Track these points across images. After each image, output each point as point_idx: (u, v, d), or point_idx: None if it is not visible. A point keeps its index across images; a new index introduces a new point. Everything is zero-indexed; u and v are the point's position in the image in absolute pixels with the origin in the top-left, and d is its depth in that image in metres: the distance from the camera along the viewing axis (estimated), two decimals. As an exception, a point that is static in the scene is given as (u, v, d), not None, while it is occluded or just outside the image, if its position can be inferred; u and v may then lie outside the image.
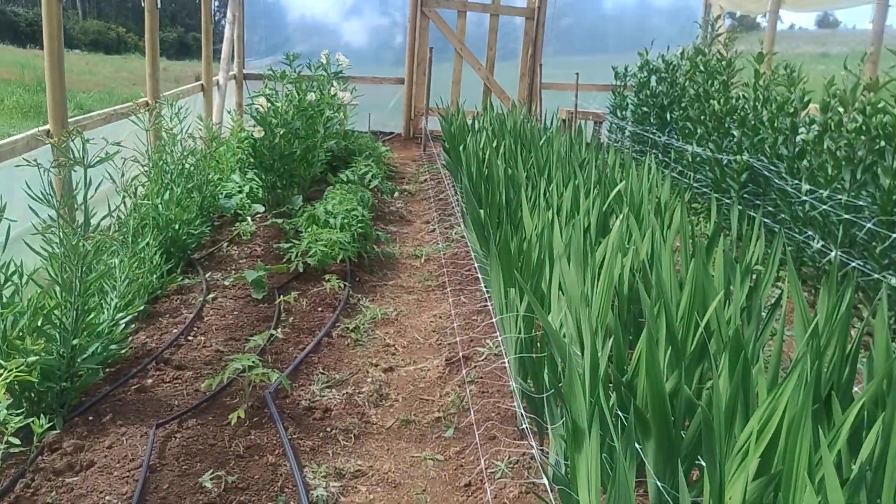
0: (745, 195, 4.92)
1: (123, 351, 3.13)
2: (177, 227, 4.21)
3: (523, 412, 2.72)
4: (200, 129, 5.67)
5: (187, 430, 2.66)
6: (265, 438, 2.63)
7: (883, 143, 3.70)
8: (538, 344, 2.60)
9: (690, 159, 5.66)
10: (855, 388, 2.17)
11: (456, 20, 9.74)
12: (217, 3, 10.55)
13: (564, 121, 8.37)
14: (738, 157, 4.82)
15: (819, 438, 1.53)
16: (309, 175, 5.92)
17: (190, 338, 3.44)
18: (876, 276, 3.36)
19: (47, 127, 3.80)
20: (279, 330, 3.50)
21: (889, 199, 3.49)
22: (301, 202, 5.51)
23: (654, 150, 6.42)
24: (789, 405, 1.67)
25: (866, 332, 2.77)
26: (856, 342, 2.07)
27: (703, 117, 5.54)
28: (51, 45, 3.70)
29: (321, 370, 3.23)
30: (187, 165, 4.76)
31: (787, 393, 1.70)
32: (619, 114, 7.61)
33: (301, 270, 4.24)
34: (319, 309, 3.87)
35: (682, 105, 6.14)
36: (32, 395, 2.60)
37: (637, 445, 2.14)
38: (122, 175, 3.86)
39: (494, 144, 5.26)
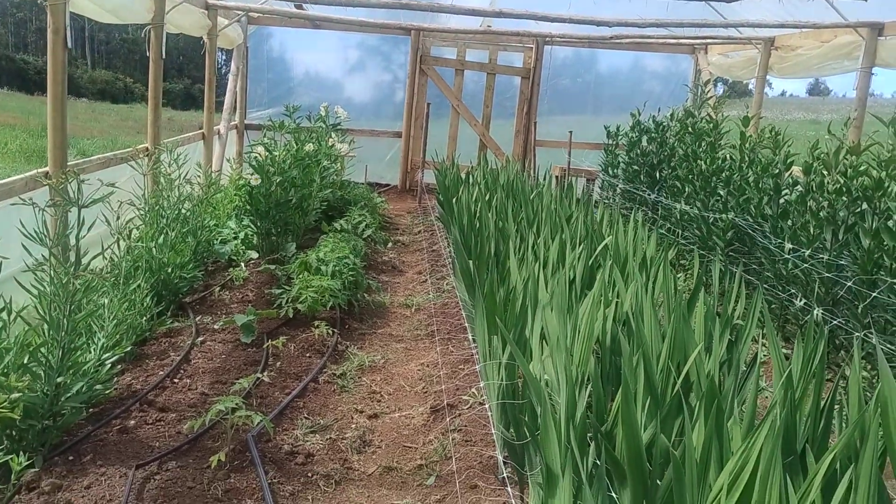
0: (731, 252, 4.99)
1: (108, 391, 3.14)
2: (169, 270, 4.26)
3: (504, 460, 2.72)
4: (199, 176, 5.77)
5: (167, 472, 2.65)
6: (245, 482, 2.62)
7: (864, 205, 3.79)
8: (520, 391, 2.62)
9: (678, 217, 5.75)
10: (832, 442, 2.19)
11: (454, 78, 10.00)
12: (224, 57, 10.80)
13: (557, 177, 8.51)
14: (724, 216, 4.91)
15: (789, 489, 1.55)
16: (303, 223, 6.00)
17: (176, 380, 3.44)
18: (857, 333, 3.40)
19: (46, 169, 3.88)
20: (266, 374, 3.51)
21: (869, 259, 3.56)
22: (294, 249, 5.56)
23: (643, 208, 6.53)
24: (762, 455, 1.69)
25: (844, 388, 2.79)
26: (831, 396, 2.10)
27: (690, 176, 5.66)
28: (54, 90, 3.81)
29: (306, 415, 3.23)
30: (184, 210, 4.83)
31: (759, 442, 1.73)
32: (610, 171, 7.75)
33: (291, 316, 4.27)
34: (307, 354, 3.88)
35: (672, 164, 6.27)
36: (13, 432, 2.60)
37: (613, 494, 2.14)
38: (118, 218, 3.92)
39: (487, 198, 5.35)
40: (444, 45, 10.00)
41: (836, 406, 2.12)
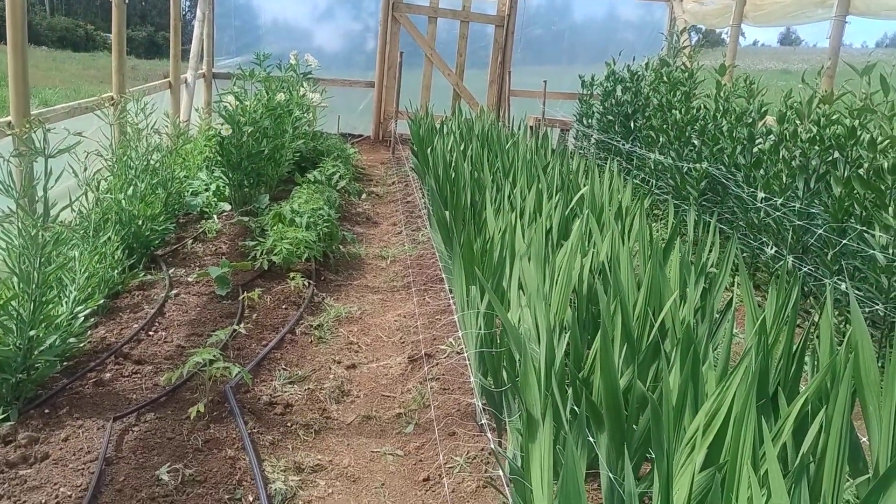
0: (704, 202, 5.03)
1: (82, 344, 3.10)
2: (140, 222, 4.18)
3: (482, 407, 2.76)
4: (167, 126, 5.63)
5: (145, 424, 2.64)
6: (224, 433, 2.63)
7: (836, 154, 3.83)
8: (497, 340, 2.64)
9: (652, 167, 5.77)
10: (803, 386, 2.25)
11: (427, 26, 9.81)
12: (188, 2, 10.45)
13: (532, 127, 8.46)
14: (698, 166, 4.93)
15: (763, 431, 1.59)
16: (276, 174, 5.91)
17: (151, 333, 3.41)
18: (829, 281, 3.48)
19: (9, 118, 3.75)
20: (242, 326, 3.49)
21: (840, 207, 3.61)
22: (268, 201, 5.49)
23: (618, 158, 6.54)
24: (736, 398, 1.73)
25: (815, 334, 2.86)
26: (802, 341, 2.15)
27: (665, 126, 5.66)
28: (14, 37, 3.66)
29: (283, 366, 3.23)
30: (152, 161, 4.72)
31: (733, 386, 1.77)
32: (585, 122, 7.72)
33: (266, 268, 4.24)
34: (283, 306, 3.86)
35: (646, 114, 6.26)
36: (-14, 386, 2.56)
37: (591, 439, 2.19)
38: (86, 170, 3.83)
39: (462, 148, 5.30)
40: (417, -8, 9.77)
41: (808, 351, 2.17)
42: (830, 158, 3.88)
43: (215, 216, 5.20)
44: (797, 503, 1.49)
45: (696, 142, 5.20)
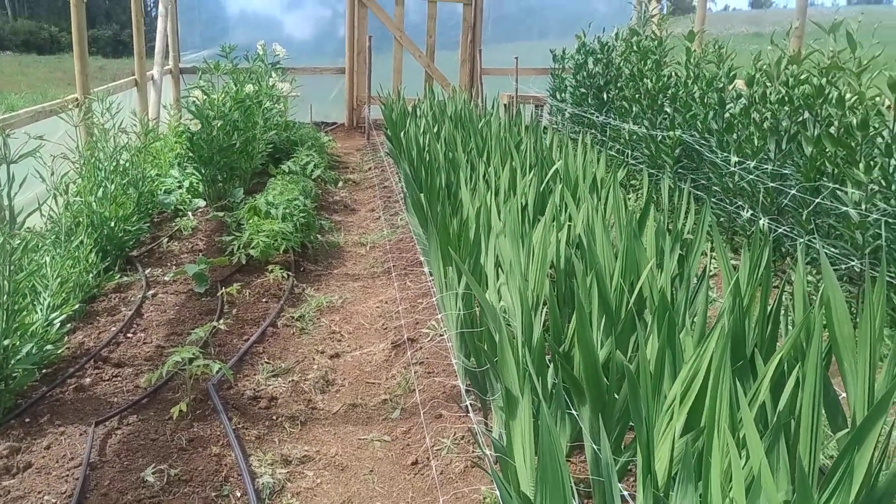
0: (680, 169, 5.04)
1: (60, 351, 3.06)
2: (112, 224, 4.12)
3: (467, 388, 2.76)
4: (135, 125, 5.55)
5: (128, 427, 2.62)
6: (209, 430, 2.61)
7: (805, 114, 3.84)
8: (478, 320, 2.63)
9: (627, 137, 5.77)
10: (780, 346, 2.26)
11: (394, 8, 9.71)
12: (153, -1, 10.28)
13: (506, 105, 8.43)
14: (671, 133, 4.93)
15: (738, 392, 1.59)
16: (250, 167, 5.86)
17: (129, 335, 3.38)
18: (801, 240, 3.50)
19: (-31, 126, 3.67)
20: (222, 322, 3.46)
21: (812, 167, 3.63)
22: (242, 195, 5.44)
23: (592, 130, 6.53)
24: (713, 361, 1.73)
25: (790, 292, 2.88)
26: (776, 301, 2.16)
27: (637, 96, 5.65)
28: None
29: (266, 360, 3.21)
30: (122, 161, 4.66)
31: (709, 350, 1.77)
32: (558, 96, 7.70)
33: (244, 262, 4.20)
34: (264, 300, 3.84)
35: (618, 85, 6.25)
36: (-37, 399, 2.53)
37: (574, 412, 2.19)
38: (53, 174, 3.76)
39: (435, 129, 5.27)
40: (383, -26, 9.66)
41: (784, 311, 2.18)
42: (800, 119, 3.89)
43: (190, 213, 5.14)
44: (775, 462, 1.50)
45: (668, 110, 5.20)
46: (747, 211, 4.04)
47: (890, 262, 3.12)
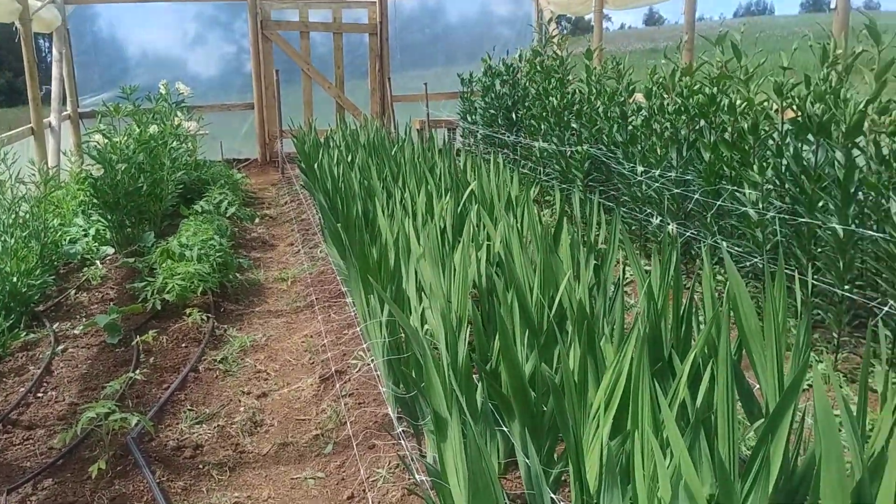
0: (591, 182, 5.20)
1: (-38, 419, 2.87)
2: (15, 279, 3.92)
3: (399, 416, 2.73)
4: (34, 175, 5.31)
5: (43, 492, 2.48)
6: (131, 486, 2.50)
7: (701, 122, 4.03)
8: (403, 346, 2.63)
9: (538, 154, 5.91)
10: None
11: (300, 41, 9.68)
12: (47, 43, 9.90)
13: (419, 130, 8.50)
14: (579, 148, 5.08)
15: (657, 393, 1.64)
16: (160, 209, 5.68)
17: (40, 395, 3.20)
18: (706, 242, 3.65)
19: None
20: (138, 372, 3.32)
21: (711, 171, 3.80)
22: (154, 238, 5.27)
23: (504, 150, 6.66)
24: (633, 366, 1.78)
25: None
26: (688, 302, 2.24)
27: (544, 114, 5.80)
28: None
29: (189, 406, 3.10)
30: (21, 213, 4.44)
31: (629, 355, 1.82)
32: (469, 118, 7.82)
33: (159, 308, 4.06)
34: (183, 345, 3.71)
35: (526, 104, 6.40)
36: None
37: (506, 428, 2.21)
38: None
39: (349, 158, 5.26)
40: (285, 7, 9.63)
41: (695, 311, 2.26)
42: (697, 127, 4.08)
43: (98, 261, 4.94)
44: (697, 458, 1.55)
45: (574, 125, 5.36)
46: (656, 218, 4.19)
47: (789, 256, 3.29)
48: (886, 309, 2.75)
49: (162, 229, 5.65)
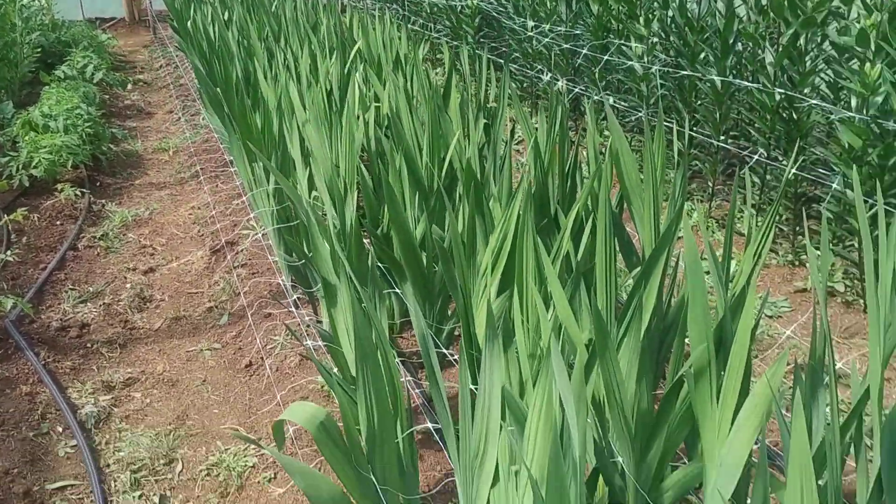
0: (482, 39, 5.07)
1: None
2: None
3: (293, 284, 2.72)
4: None
5: (-84, 383, 2.35)
6: (15, 370, 2.41)
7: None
8: (293, 214, 2.57)
9: (429, 10, 5.68)
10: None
11: None
12: None
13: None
14: (470, 2, 4.91)
15: (540, 248, 1.68)
16: (17, 77, 5.16)
17: None
18: (591, 97, 3.69)
19: None
20: (10, 253, 3.13)
21: (600, 25, 3.77)
22: (13, 109, 4.80)
23: (393, 5, 6.35)
24: (519, 223, 1.81)
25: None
26: (573, 158, 2.28)
27: (434, -35, 5.52)
28: None
29: (70, 286, 2.97)
30: None
31: (515, 212, 1.84)
32: (356, -29, 7.35)
33: (28, 185, 3.78)
34: (58, 222, 3.50)
35: (415, -45, 6.07)
36: None
37: (398, 290, 2.24)
38: None
39: (225, 16, 4.88)
40: None
41: (579, 167, 2.31)
42: (587, -22, 3.99)
43: (-49, 137, 4.49)
44: (578, 307, 1.62)
45: (465, -22, 5.14)
46: (547, 74, 4.17)
47: (671, 110, 3.38)
48: (756, 157, 2.90)
49: (21, 98, 5.15)
